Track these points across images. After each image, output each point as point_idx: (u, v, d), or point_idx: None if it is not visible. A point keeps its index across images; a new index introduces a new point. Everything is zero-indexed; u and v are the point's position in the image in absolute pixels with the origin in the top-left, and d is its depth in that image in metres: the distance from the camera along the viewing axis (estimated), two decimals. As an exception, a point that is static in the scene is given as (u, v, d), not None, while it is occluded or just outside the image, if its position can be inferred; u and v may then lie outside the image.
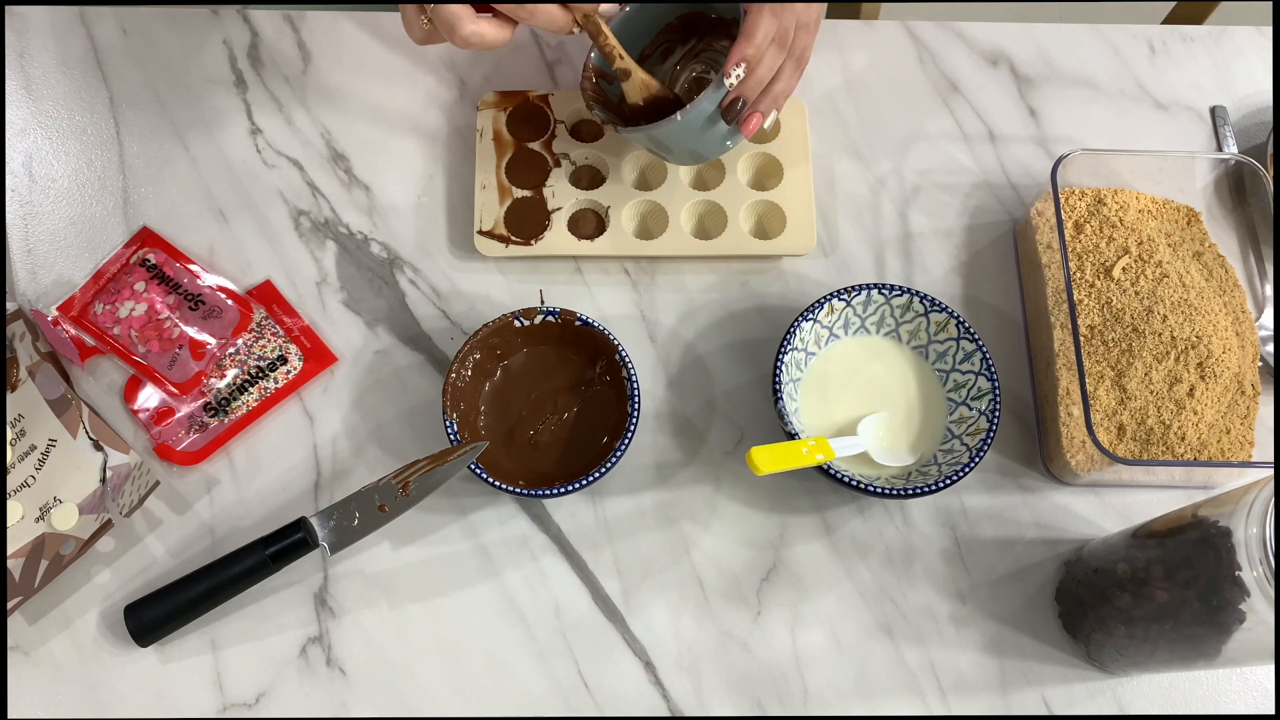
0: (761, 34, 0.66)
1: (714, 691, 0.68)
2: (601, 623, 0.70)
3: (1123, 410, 0.71)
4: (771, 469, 0.63)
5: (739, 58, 0.66)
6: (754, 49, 0.66)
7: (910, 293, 0.73)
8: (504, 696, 0.68)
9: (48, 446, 0.68)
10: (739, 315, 0.78)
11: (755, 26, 0.66)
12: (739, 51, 0.66)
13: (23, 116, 0.82)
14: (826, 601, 0.70)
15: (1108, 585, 0.64)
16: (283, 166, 0.81)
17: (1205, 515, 0.57)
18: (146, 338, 0.74)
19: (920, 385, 0.74)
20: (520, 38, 0.86)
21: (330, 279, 0.78)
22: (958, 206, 0.82)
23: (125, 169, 0.81)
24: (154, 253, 0.77)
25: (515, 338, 0.73)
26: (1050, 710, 0.68)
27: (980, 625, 0.70)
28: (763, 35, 0.66)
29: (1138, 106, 0.85)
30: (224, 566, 0.66)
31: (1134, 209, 0.76)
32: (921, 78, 0.86)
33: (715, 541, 0.72)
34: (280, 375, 0.74)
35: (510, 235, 0.77)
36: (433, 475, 0.67)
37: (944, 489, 0.67)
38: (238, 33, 0.85)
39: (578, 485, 0.67)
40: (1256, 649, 0.55)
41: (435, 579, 0.70)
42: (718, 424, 0.75)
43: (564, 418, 0.73)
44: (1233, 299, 0.75)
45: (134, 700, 0.67)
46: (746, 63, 0.66)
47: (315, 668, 0.68)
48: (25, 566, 0.65)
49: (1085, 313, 0.73)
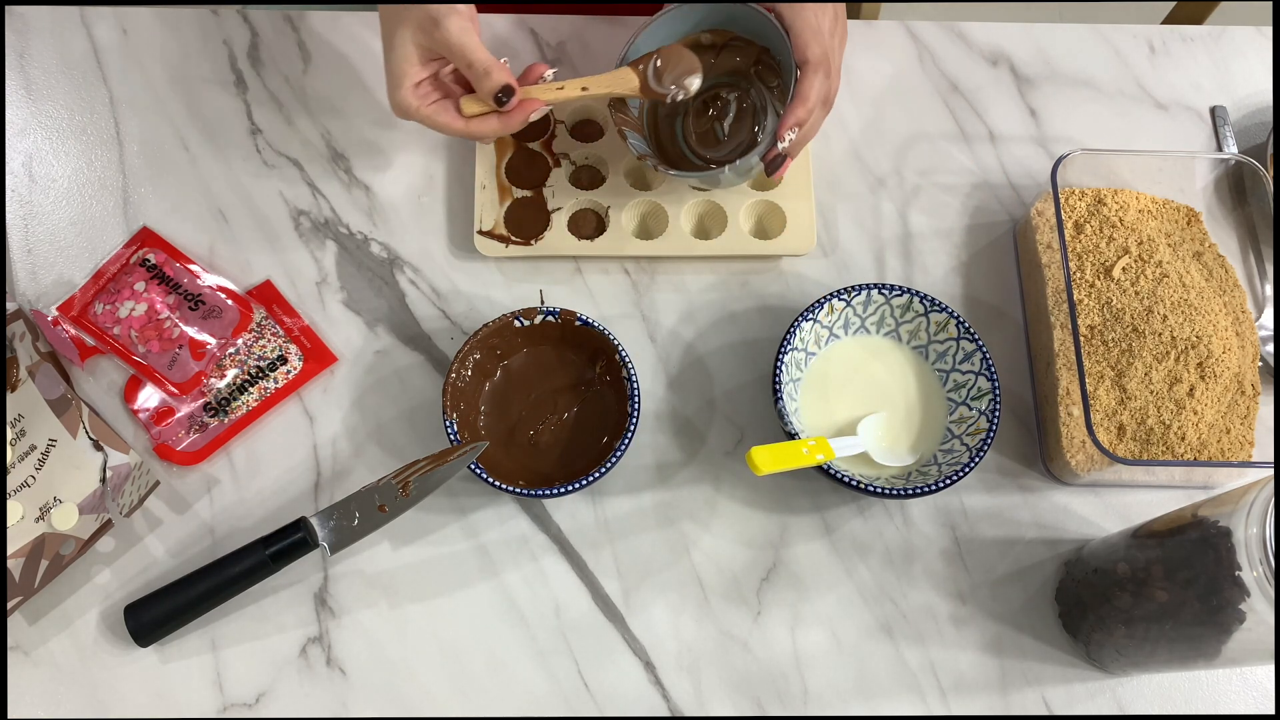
0: (815, 96, 0.68)
1: (714, 691, 0.68)
2: (601, 623, 0.70)
3: (1123, 410, 0.71)
4: (771, 469, 0.63)
5: (794, 121, 0.68)
6: (806, 112, 0.68)
7: (910, 293, 0.73)
8: (504, 696, 0.68)
9: (48, 446, 0.68)
10: (739, 315, 0.78)
11: (810, 90, 0.68)
12: (794, 115, 0.68)
13: (23, 116, 0.82)
14: (826, 601, 0.70)
15: (1108, 585, 0.64)
16: (283, 166, 0.81)
17: (1205, 515, 0.57)
18: (146, 338, 0.74)
19: (920, 385, 0.74)
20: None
21: (330, 279, 0.78)
22: (958, 206, 0.82)
23: (125, 169, 0.81)
24: (154, 253, 0.77)
25: (515, 338, 0.73)
26: (1050, 710, 0.68)
27: (980, 625, 0.70)
28: (815, 98, 0.68)
29: (1138, 106, 0.85)
30: (224, 566, 0.66)
31: (1134, 209, 0.76)
32: (921, 78, 0.86)
33: (715, 541, 0.72)
34: (280, 375, 0.74)
35: (510, 235, 0.77)
36: (433, 475, 0.67)
37: (944, 489, 0.67)
38: (238, 33, 0.85)
39: (578, 485, 0.67)
40: (1256, 649, 0.55)
41: (435, 579, 0.70)
42: (718, 424, 0.75)
43: (564, 418, 0.73)
44: (1233, 299, 0.75)
45: (134, 700, 0.67)
46: (800, 126, 0.68)
47: (315, 668, 0.68)
48: (25, 566, 0.65)
49: (1085, 313, 0.73)
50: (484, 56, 0.65)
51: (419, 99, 0.67)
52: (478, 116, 0.68)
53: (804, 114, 0.68)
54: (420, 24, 0.65)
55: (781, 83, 0.76)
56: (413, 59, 0.66)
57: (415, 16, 0.65)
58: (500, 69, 0.65)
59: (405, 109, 0.67)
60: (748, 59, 0.77)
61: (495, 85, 0.65)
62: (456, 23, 0.64)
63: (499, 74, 0.65)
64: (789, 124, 0.68)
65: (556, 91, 0.69)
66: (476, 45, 0.65)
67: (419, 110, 0.67)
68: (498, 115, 0.68)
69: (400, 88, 0.66)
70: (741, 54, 0.77)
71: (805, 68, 0.68)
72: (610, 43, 0.85)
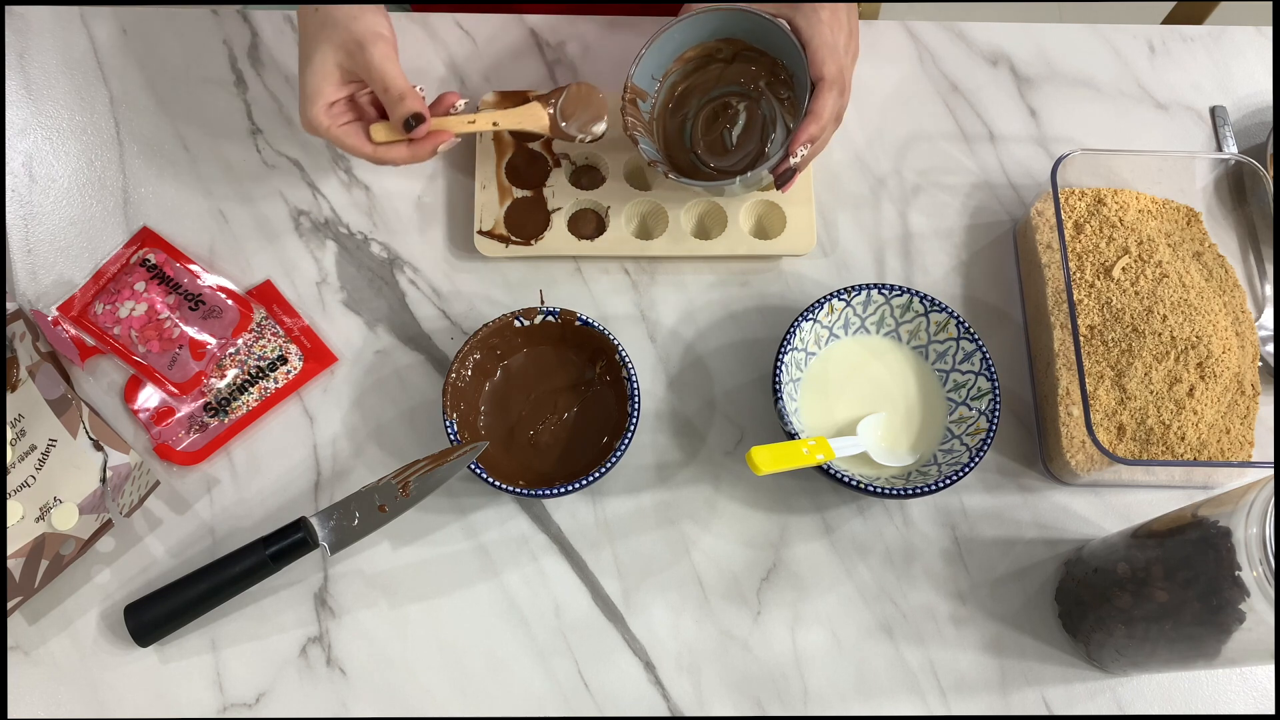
0: (828, 113, 0.69)
1: (714, 691, 0.68)
2: (601, 623, 0.70)
3: (1123, 410, 0.71)
4: (771, 469, 0.63)
5: (807, 138, 0.69)
6: (819, 128, 0.69)
7: (910, 293, 0.73)
8: (504, 696, 0.68)
9: (48, 446, 0.68)
10: (739, 315, 0.78)
11: (823, 107, 0.68)
12: (807, 132, 0.68)
13: (23, 116, 0.82)
14: (826, 601, 0.70)
15: (1108, 585, 0.64)
16: (283, 166, 0.81)
17: (1205, 515, 0.57)
18: (146, 338, 0.74)
19: (920, 385, 0.74)
20: (520, 38, 0.86)
21: (330, 279, 0.78)
22: (958, 206, 0.82)
23: (125, 169, 0.81)
24: (154, 253, 0.77)
25: (515, 338, 0.73)
26: (1050, 710, 0.68)
27: (980, 625, 0.70)
28: (828, 115, 0.69)
29: (1138, 106, 0.85)
30: (224, 566, 0.66)
31: (1134, 209, 0.76)
32: (921, 78, 0.86)
33: (715, 541, 0.72)
34: (280, 375, 0.74)
35: (510, 235, 0.77)
36: (433, 475, 0.67)
37: (944, 489, 0.67)
38: (238, 33, 0.85)
39: (578, 485, 0.67)
40: (1256, 649, 0.55)
41: (435, 579, 0.70)
42: (718, 424, 0.75)
43: (564, 418, 0.73)
44: (1233, 299, 0.75)
45: (134, 700, 0.67)
46: (812, 142, 0.69)
47: (315, 668, 0.68)
48: (25, 566, 0.65)
49: (1085, 313, 0.73)
50: (401, 84, 0.66)
51: (330, 119, 0.68)
52: (386, 144, 0.69)
53: (816, 131, 0.68)
54: (344, 45, 0.66)
55: (792, 96, 0.76)
56: (331, 78, 0.67)
57: (340, 38, 0.66)
58: (414, 97, 0.67)
59: (315, 126, 0.68)
60: (760, 70, 0.77)
61: (407, 111, 0.67)
62: (381, 49, 0.66)
63: (412, 101, 0.67)
64: (801, 140, 0.68)
65: (468, 125, 0.70)
66: (396, 73, 0.66)
67: (329, 129, 0.68)
68: (408, 144, 0.69)
69: (314, 105, 0.67)
70: (754, 64, 0.77)
71: (820, 85, 0.68)
72: (610, 43, 0.85)
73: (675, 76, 0.78)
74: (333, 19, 0.66)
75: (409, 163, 0.70)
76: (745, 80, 0.77)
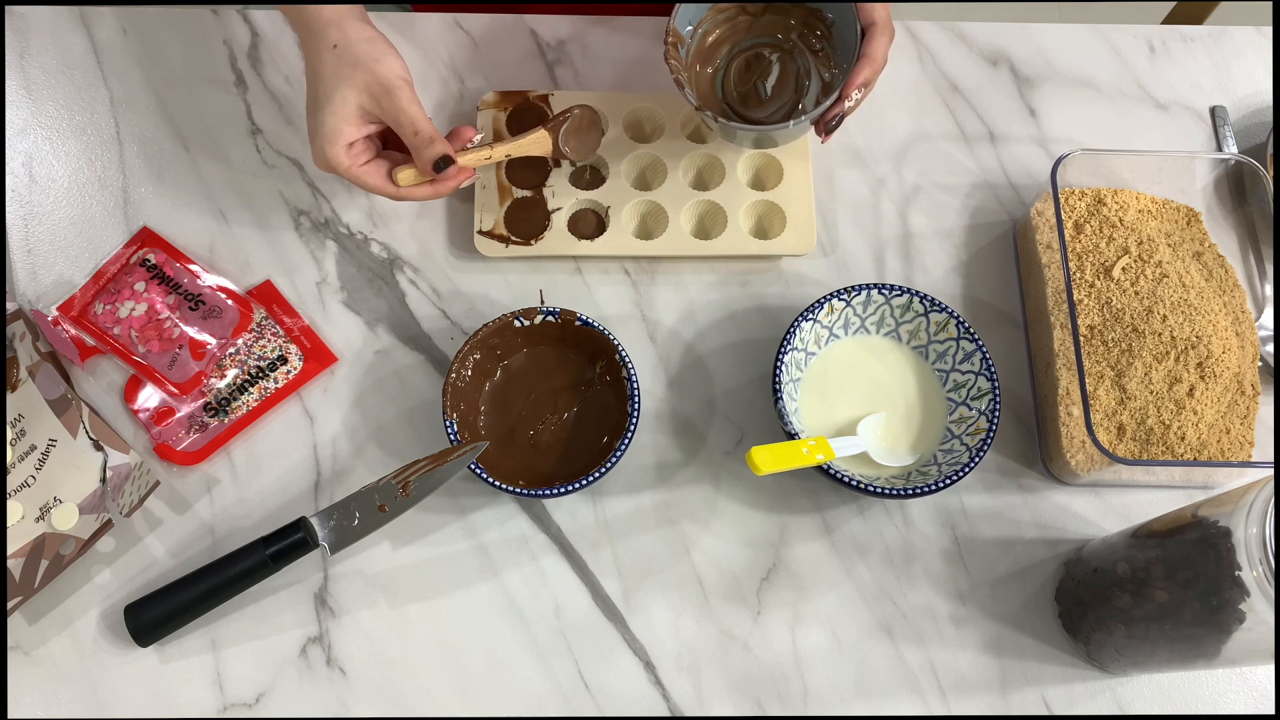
0: (882, 55, 0.68)
1: (714, 691, 0.68)
2: (601, 623, 0.70)
3: (1123, 410, 0.71)
4: (771, 469, 0.63)
5: (861, 80, 0.68)
6: (874, 72, 0.68)
7: (910, 293, 0.73)
8: (504, 696, 0.68)
9: (48, 446, 0.68)
10: (739, 315, 0.78)
11: (878, 49, 0.68)
12: (861, 75, 0.68)
13: (23, 116, 0.82)
14: (826, 601, 0.70)
15: (1108, 585, 0.64)
16: (283, 166, 0.81)
17: (1205, 515, 0.57)
18: (146, 338, 0.74)
19: (920, 385, 0.74)
20: (520, 38, 0.86)
21: (330, 279, 0.78)
22: (958, 206, 0.82)
23: (125, 169, 0.81)
24: (154, 253, 0.77)
25: (515, 338, 0.73)
26: (1050, 710, 0.68)
27: (980, 625, 0.70)
28: (882, 58, 0.68)
29: (1138, 106, 0.85)
30: (224, 566, 0.66)
31: (1134, 209, 0.76)
32: (921, 78, 0.86)
33: (715, 541, 0.72)
34: (280, 375, 0.74)
35: (510, 235, 0.77)
36: (433, 475, 0.67)
37: (944, 489, 0.67)
38: (238, 33, 0.85)
39: (578, 485, 0.67)
40: (1256, 649, 0.56)
41: (435, 579, 0.70)
42: (718, 424, 0.75)
43: (564, 418, 0.73)
44: (1233, 299, 0.75)
45: (134, 700, 0.67)
46: (866, 85, 0.68)
47: (315, 668, 0.68)
48: (25, 566, 0.65)
49: (1085, 313, 0.73)
50: (430, 128, 0.67)
51: (351, 159, 0.68)
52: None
53: (871, 74, 0.68)
54: (369, 88, 0.66)
55: (827, 48, 0.76)
56: (352, 119, 0.67)
57: (363, 80, 0.66)
58: (443, 141, 0.67)
59: (335, 165, 0.68)
60: (794, 22, 0.77)
61: (436, 154, 0.67)
62: (407, 94, 0.67)
63: (441, 145, 0.67)
64: (856, 83, 0.68)
65: (485, 158, 0.71)
66: (423, 116, 0.67)
67: (350, 169, 0.68)
68: (431, 183, 0.69)
69: (334, 144, 0.67)
70: (788, 15, 0.77)
71: (873, 29, 0.68)
72: (610, 43, 0.85)
73: (707, 26, 0.77)
74: (354, 59, 0.67)
75: (431, 199, 0.70)
76: (777, 32, 0.77)
